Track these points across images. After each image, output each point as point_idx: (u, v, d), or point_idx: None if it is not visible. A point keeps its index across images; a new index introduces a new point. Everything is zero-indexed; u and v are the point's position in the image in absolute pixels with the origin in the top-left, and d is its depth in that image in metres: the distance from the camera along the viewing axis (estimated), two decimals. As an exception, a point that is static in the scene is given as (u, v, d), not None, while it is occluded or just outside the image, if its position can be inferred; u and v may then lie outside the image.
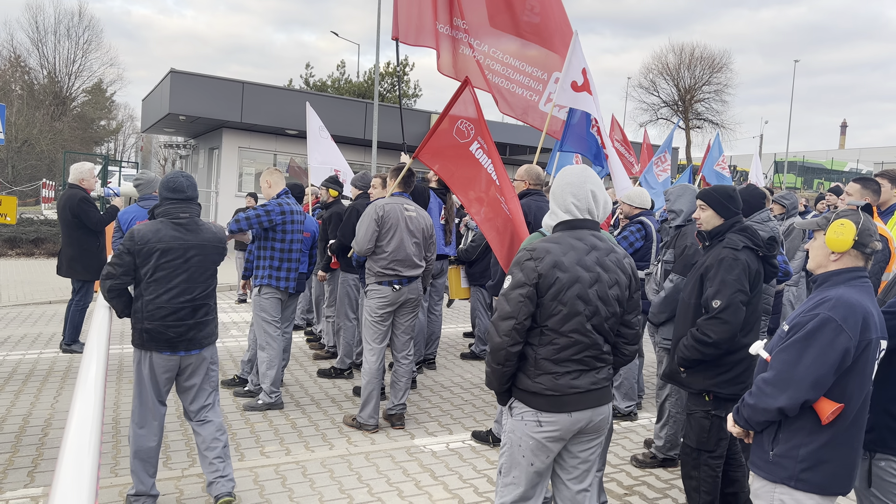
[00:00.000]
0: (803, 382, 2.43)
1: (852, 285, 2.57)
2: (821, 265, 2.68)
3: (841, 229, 2.58)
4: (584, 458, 2.88)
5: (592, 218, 2.88)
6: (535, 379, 2.75)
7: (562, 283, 2.69)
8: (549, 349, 2.73)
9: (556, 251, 2.73)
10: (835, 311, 2.46)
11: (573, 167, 2.99)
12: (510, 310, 2.71)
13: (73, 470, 1.86)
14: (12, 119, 31.51)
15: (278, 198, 5.79)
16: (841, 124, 75.64)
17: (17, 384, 6.23)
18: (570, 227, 2.85)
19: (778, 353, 2.54)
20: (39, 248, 16.41)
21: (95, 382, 2.58)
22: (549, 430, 2.75)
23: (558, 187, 2.93)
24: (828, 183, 44.35)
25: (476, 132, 5.05)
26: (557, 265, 2.70)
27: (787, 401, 2.46)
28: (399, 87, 8.55)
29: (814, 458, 2.48)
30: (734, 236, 3.62)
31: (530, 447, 2.78)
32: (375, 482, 4.44)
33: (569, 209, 2.87)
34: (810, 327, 2.47)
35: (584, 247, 2.78)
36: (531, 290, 2.70)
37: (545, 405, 2.74)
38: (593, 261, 2.76)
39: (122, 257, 3.65)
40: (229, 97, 18.69)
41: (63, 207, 7.15)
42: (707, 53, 47.07)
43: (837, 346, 2.42)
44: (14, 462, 4.55)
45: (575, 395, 2.74)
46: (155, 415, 3.83)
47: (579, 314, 2.71)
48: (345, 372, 6.82)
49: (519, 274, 2.73)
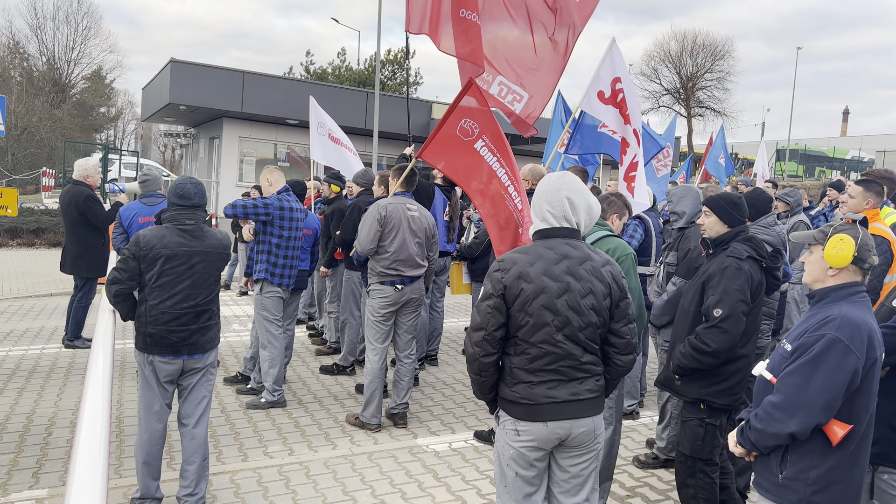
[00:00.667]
0: (814, 406, 2.41)
1: (853, 301, 2.53)
2: (818, 280, 2.63)
3: (840, 245, 2.54)
4: (574, 473, 2.84)
5: (570, 226, 2.83)
6: (512, 388, 2.77)
7: (527, 294, 2.70)
8: (522, 359, 2.75)
9: (522, 262, 2.74)
10: (841, 332, 2.42)
11: (552, 176, 2.93)
12: (480, 321, 2.75)
13: (86, 475, 1.88)
14: (12, 107, 31.39)
15: (279, 195, 5.78)
16: (843, 111, 75.28)
17: (20, 381, 6.25)
18: (543, 237, 2.84)
19: (785, 377, 2.51)
20: (40, 239, 16.42)
21: (103, 386, 2.59)
22: (526, 440, 2.75)
23: (536, 196, 2.91)
24: (829, 171, 44.25)
25: (481, 130, 5.03)
26: (522, 276, 2.71)
27: (798, 425, 2.44)
28: (407, 82, 8.47)
29: (824, 479, 2.47)
30: (739, 245, 3.59)
31: (511, 456, 2.79)
32: (379, 484, 4.46)
33: (545, 217, 2.85)
34: (818, 349, 2.43)
35: (555, 256, 2.76)
36: (498, 301, 2.72)
37: (521, 414, 2.75)
38: (563, 270, 2.73)
39: (128, 262, 3.67)
40: (230, 87, 18.62)
41: (68, 205, 7.12)
42: (709, 41, 46.74)
43: (846, 368, 2.39)
44: (18, 463, 4.57)
45: (550, 405, 2.72)
46: (160, 418, 3.86)
47: (547, 325, 2.70)
48: (347, 369, 6.83)
49: (488, 285, 2.78)
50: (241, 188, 19.06)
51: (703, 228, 3.82)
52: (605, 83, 6.08)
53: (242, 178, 20.44)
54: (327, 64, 39.94)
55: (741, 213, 3.71)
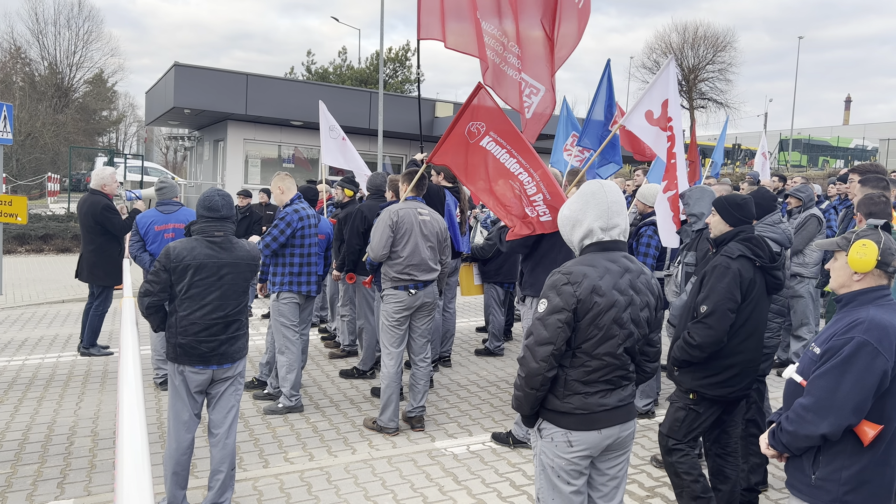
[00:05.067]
0: (845, 408, 2.47)
1: (880, 304, 2.59)
2: (844, 285, 2.69)
3: (864, 250, 2.59)
4: (612, 475, 2.92)
5: (624, 239, 2.89)
6: (565, 399, 2.77)
7: (599, 308, 2.69)
8: (580, 371, 2.75)
9: (592, 275, 2.72)
10: (869, 335, 2.48)
11: (613, 186, 2.90)
12: (548, 335, 2.70)
13: (135, 489, 1.92)
14: (15, 112, 31.43)
15: (292, 203, 5.81)
16: (845, 99, 74.95)
17: (39, 390, 6.30)
18: (603, 249, 2.82)
19: (815, 379, 2.56)
20: (49, 245, 16.48)
21: (138, 398, 2.62)
22: (579, 450, 2.78)
23: (604, 205, 2.82)
24: (833, 161, 44.11)
25: (488, 128, 5.06)
26: (595, 290, 2.69)
27: (829, 427, 2.49)
28: (418, 87, 8.46)
29: (856, 479, 2.53)
30: (734, 245, 3.69)
31: (563, 468, 2.80)
32: (399, 488, 4.50)
33: (612, 230, 2.83)
34: (847, 352, 2.49)
35: (619, 269, 2.79)
36: (569, 315, 2.68)
37: (575, 424, 2.76)
38: (627, 284, 2.78)
39: (159, 275, 3.74)
40: (233, 89, 18.68)
41: (85, 214, 7.14)
42: (711, 32, 46.59)
43: (875, 370, 2.45)
44: (42, 473, 4.62)
45: (604, 413, 2.77)
46: (189, 428, 3.92)
47: (614, 338, 2.73)
48: (367, 373, 6.87)
49: (556, 298, 2.71)
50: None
51: (710, 228, 3.93)
52: (655, 102, 5.80)
53: (248, 181, 20.48)
54: (329, 63, 39.97)
55: (744, 213, 3.78)
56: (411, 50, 39.76)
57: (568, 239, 2.96)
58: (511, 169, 5.03)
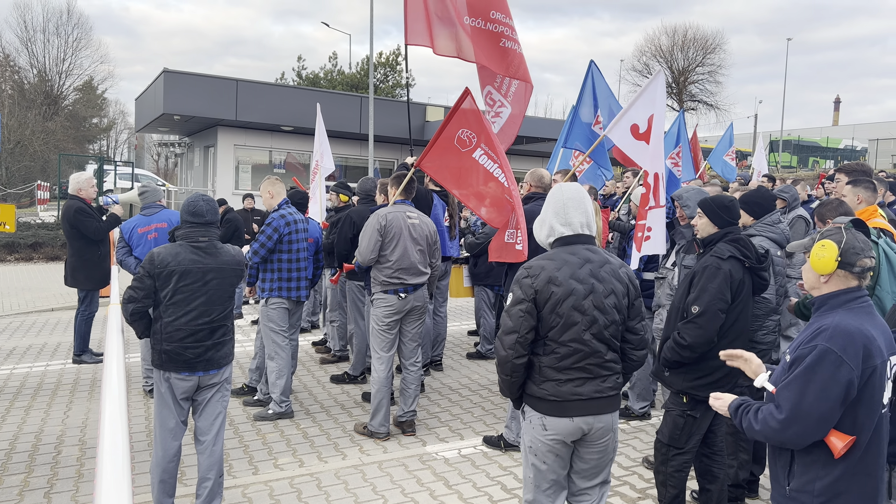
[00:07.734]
0: (809, 419, 2.36)
1: (850, 308, 2.47)
2: (813, 287, 2.60)
3: (822, 251, 2.50)
4: (593, 464, 3.09)
5: (589, 233, 3.08)
6: (540, 385, 2.98)
7: (557, 297, 2.90)
8: (551, 358, 2.95)
9: (549, 267, 2.95)
10: (833, 342, 2.36)
11: (573, 185, 3.18)
12: (512, 325, 2.94)
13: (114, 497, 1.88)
14: (4, 120, 31.30)
15: (279, 208, 5.79)
16: (834, 100, 75.24)
17: (27, 399, 6.24)
18: (565, 243, 3.06)
19: (781, 389, 2.45)
20: (38, 253, 16.37)
21: (120, 408, 2.59)
22: (553, 434, 2.97)
23: (555, 203, 3.11)
24: (823, 161, 44.34)
25: (479, 140, 5.08)
26: (552, 280, 2.91)
27: (793, 437, 2.40)
28: (407, 91, 8.43)
29: (830, 491, 2.42)
30: (723, 245, 3.71)
31: (539, 449, 3.02)
32: (391, 493, 4.47)
33: (570, 224, 3.06)
34: (809, 361, 2.38)
35: (578, 260, 2.98)
36: (530, 305, 2.92)
37: (548, 409, 2.97)
38: (587, 273, 2.96)
39: (143, 280, 3.69)
40: (223, 95, 18.63)
41: (63, 219, 7.27)
42: (700, 34, 46.98)
43: (840, 380, 2.33)
44: (29, 483, 4.57)
45: (578, 402, 2.94)
46: (175, 435, 3.87)
47: (576, 324, 2.91)
48: (357, 378, 6.84)
49: (518, 291, 2.96)
50: (238, 196, 19.05)
51: (697, 229, 3.94)
52: (641, 116, 5.75)
53: (239, 186, 20.44)
54: (319, 68, 39.96)
55: (731, 215, 3.81)
56: (402, 55, 39.77)
57: (540, 241, 3.21)
58: (504, 184, 5.02)
